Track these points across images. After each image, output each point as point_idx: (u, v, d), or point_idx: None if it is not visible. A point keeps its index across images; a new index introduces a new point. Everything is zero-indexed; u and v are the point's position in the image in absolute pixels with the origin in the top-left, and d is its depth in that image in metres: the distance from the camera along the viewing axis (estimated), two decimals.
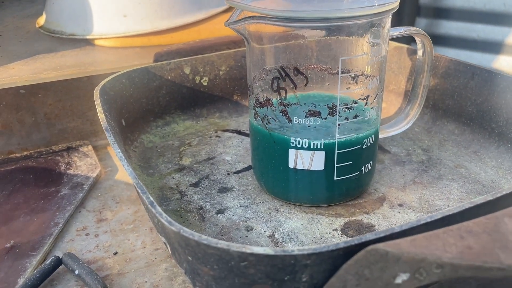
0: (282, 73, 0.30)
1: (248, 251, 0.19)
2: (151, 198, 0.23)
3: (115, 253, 0.39)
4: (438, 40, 1.37)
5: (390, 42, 0.50)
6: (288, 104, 0.31)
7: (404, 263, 0.18)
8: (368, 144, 0.33)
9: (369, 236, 0.20)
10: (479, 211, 0.22)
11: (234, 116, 0.49)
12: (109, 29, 0.59)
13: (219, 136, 0.46)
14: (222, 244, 0.20)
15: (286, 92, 0.30)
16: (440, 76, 0.45)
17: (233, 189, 0.37)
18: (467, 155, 0.41)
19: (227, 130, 0.47)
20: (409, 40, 0.74)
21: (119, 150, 0.28)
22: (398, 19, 1.33)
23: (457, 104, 0.43)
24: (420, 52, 0.36)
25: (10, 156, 0.54)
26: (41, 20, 0.67)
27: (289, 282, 0.21)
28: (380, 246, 0.19)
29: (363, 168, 0.33)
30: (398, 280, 0.18)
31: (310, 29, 0.29)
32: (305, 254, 0.19)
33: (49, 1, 0.65)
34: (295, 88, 0.30)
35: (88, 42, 0.61)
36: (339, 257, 0.20)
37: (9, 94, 0.51)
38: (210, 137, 0.46)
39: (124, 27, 0.59)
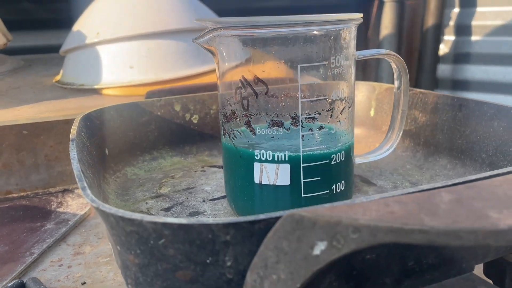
0: (244, 82, 0.30)
1: (160, 220, 0.18)
2: (85, 184, 0.23)
3: (83, 283, 0.37)
4: (463, 85, 1.35)
5: (382, 84, 0.50)
6: (251, 115, 0.30)
7: (320, 228, 0.16)
8: (338, 161, 0.31)
9: (294, 211, 0.18)
10: None
11: None
12: (116, 79, 0.62)
13: (204, 171, 0.45)
14: (136, 215, 0.19)
15: (248, 102, 0.30)
16: (429, 111, 0.44)
17: (205, 213, 0.36)
18: None
19: (214, 166, 0.46)
20: None
21: (75, 153, 0.28)
22: (420, 67, 1.34)
23: (447, 138, 0.41)
24: (395, 76, 0.36)
25: (7, 196, 0.54)
26: (59, 76, 0.72)
27: (213, 267, 0.19)
28: (296, 211, 0.17)
29: (334, 187, 0.32)
30: (316, 251, 0.17)
31: (270, 36, 0.29)
32: (220, 224, 0.18)
33: (66, 57, 0.70)
34: (256, 97, 0.30)
35: (96, 92, 0.64)
36: (262, 233, 0.18)
37: (12, 134, 0.54)
38: (195, 171, 0.45)
39: (129, 77, 0.62)
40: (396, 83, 0.37)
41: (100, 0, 0.69)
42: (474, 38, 1.27)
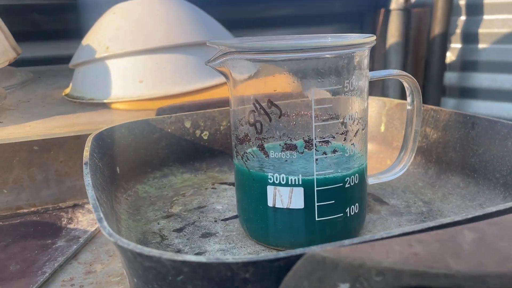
0: (257, 106, 0.30)
1: (180, 258, 0.18)
2: (101, 215, 0.23)
3: None
4: (470, 93, 1.35)
5: (392, 99, 0.50)
6: (265, 138, 0.30)
7: (342, 270, 0.16)
8: (352, 184, 0.31)
9: (314, 249, 0.18)
10: None
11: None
12: (125, 93, 0.62)
13: (215, 188, 0.45)
14: (155, 252, 0.19)
15: (261, 126, 0.30)
16: (441, 129, 0.43)
17: (217, 234, 0.36)
18: (472, 208, 0.38)
19: (225, 183, 0.46)
20: None
21: (89, 179, 0.28)
22: (426, 75, 1.33)
23: (460, 156, 0.41)
24: (408, 93, 0.36)
25: (18, 211, 0.55)
26: (68, 89, 0.72)
27: None
28: (318, 251, 0.17)
29: (347, 210, 0.31)
30: None
31: (284, 60, 0.29)
32: (240, 263, 0.18)
33: (76, 71, 0.71)
34: (270, 120, 0.30)
35: (106, 106, 0.64)
36: (281, 271, 0.18)
37: (23, 150, 0.54)
38: (206, 188, 0.45)
39: (139, 91, 0.62)
40: (409, 100, 0.36)
41: (109, 15, 0.69)
42: (481, 46, 1.27)
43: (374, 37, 0.30)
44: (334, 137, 0.30)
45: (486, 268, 0.15)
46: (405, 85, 0.36)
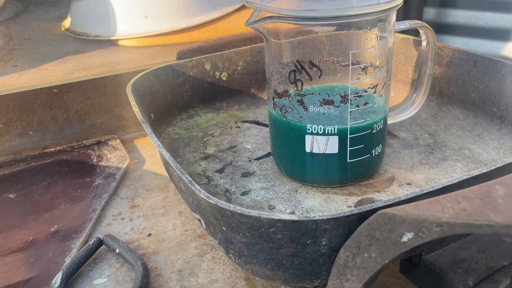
0: (298, 66, 0.33)
1: (276, 217, 0.23)
2: (190, 178, 0.27)
3: (149, 235, 0.43)
4: (447, 29, 1.39)
5: (397, 34, 0.53)
6: (304, 95, 0.34)
7: (409, 223, 0.22)
8: (378, 129, 0.36)
9: (379, 204, 0.23)
10: (476, 182, 0.25)
11: (252, 108, 0.53)
12: (132, 29, 0.63)
13: (239, 127, 0.49)
14: (254, 213, 0.23)
15: (302, 84, 0.34)
16: (445, 65, 0.48)
17: (255, 173, 0.41)
18: (471, 138, 0.44)
19: (246, 121, 0.50)
20: (415, 31, 0.76)
21: (156, 139, 0.32)
22: (406, 10, 1.35)
23: (461, 91, 0.46)
24: (424, 43, 0.39)
25: (45, 150, 0.58)
26: (66, 23, 0.71)
27: (311, 246, 0.25)
28: (388, 210, 0.22)
29: (373, 151, 0.37)
30: (404, 239, 0.22)
31: (323, 26, 0.32)
32: (324, 219, 0.23)
33: (73, 5, 0.69)
34: (310, 79, 0.33)
35: (112, 43, 0.65)
36: (353, 222, 0.24)
37: (43, 93, 0.56)
38: (231, 127, 0.49)
39: (145, 27, 0.63)
40: (424, 43, 0.40)
41: None
42: None
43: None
44: (366, 91, 0.34)
45: None
46: (421, 31, 0.39)
